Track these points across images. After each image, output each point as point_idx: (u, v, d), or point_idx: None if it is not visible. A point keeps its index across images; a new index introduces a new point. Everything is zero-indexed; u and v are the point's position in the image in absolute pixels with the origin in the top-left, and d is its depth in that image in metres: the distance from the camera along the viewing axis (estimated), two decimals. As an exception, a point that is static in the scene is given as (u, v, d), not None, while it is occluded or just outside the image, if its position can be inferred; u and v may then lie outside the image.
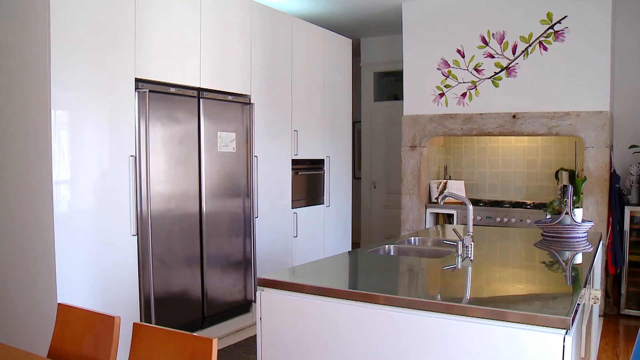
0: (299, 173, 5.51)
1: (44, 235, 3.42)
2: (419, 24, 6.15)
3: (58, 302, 2.66)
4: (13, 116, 3.58)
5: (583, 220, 3.73)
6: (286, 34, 5.30)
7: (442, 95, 6.01)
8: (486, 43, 5.70)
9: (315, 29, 5.79)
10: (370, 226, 8.28)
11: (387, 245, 3.54)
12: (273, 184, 5.14)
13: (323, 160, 5.91)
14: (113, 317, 2.24)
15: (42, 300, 3.45)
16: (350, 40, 6.42)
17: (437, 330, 2.11)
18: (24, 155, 3.52)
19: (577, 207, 3.75)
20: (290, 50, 5.36)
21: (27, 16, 3.48)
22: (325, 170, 5.93)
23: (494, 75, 5.70)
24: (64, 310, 2.45)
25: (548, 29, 5.40)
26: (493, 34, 5.66)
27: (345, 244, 6.34)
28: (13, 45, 3.57)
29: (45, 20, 3.32)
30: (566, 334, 1.89)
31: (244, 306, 4.83)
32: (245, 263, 4.78)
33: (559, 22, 5.35)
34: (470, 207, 3.18)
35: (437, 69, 6.01)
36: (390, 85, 8.52)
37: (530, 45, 5.50)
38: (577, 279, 2.71)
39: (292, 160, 5.40)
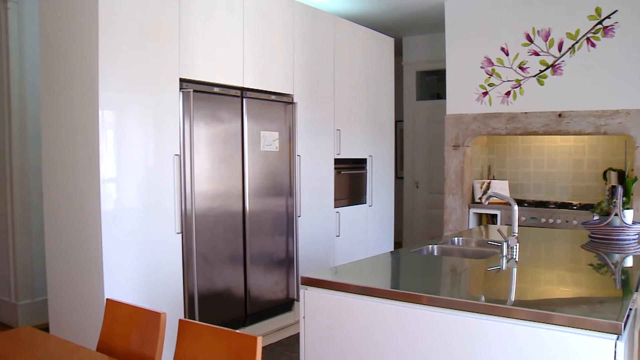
0: (342, 172, 5.51)
1: (91, 233, 3.50)
2: (462, 22, 6.08)
3: (106, 297, 2.72)
4: (64, 116, 3.68)
5: (633, 222, 3.63)
6: (328, 33, 5.31)
7: (485, 94, 5.93)
8: (531, 40, 5.60)
9: (358, 28, 5.78)
10: (412, 226, 8.22)
11: (430, 246, 3.51)
12: (315, 183, 5.15)
13: (365, 159, 5.89)
14: (159, 314, 2.28)
15: (90, 295, 3.54)
16: (393, 39, 6.38)
17: (480, 331, 2.09)
18: (74, 154, 3.61)
19: (627, 209, 3.65)
20: (333, 50, 5.36)
21: (77, 19, 3.57)
22: (367, 170, 5.92)
23: (539, 73, 5.59)
24: (112, 306, 2.50)
25: (596, 25, 5.27)
26: (538, 31, 5.56)
27: (387, 244, 6.32)
28: (64, 46, 3.67)
29: (94, 24, 3.40)
30: (617, 339, 1.84)
31: (286, 305, 4.85)
32: (287, 262, 4.81)
33: (608, 17, 5.21)
34: (516, 207, 3.14)
35: (481, 67, 5.93)
36: (433, 84, 8.44)
37: (577, 42, 5.38)
38: (628, 283, 2.64)
39: (335, 159, 5.40)
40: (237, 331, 2.05)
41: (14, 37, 5.09)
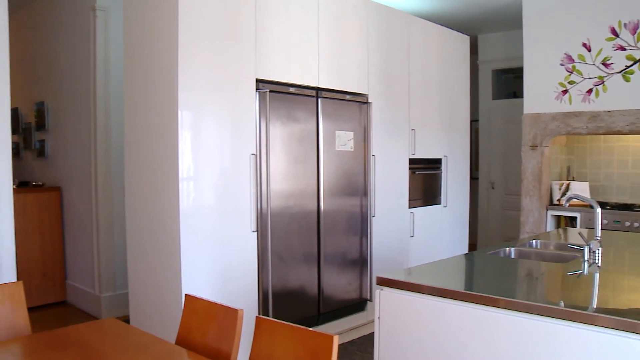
0: (416, 172, 5.46)
1: (170, 229, 3.61)
2: (540, 17, 5.90)
3: (185, 293, 2.80)
4: (145, 117, 3.82)
5: None
6: (403, 32, 5.27)
7: (565, 92, 5.74)
8: (616, 35, 5.37)
9: (432, 26, 5.71)
10: (487, 228, 8.06)
11: (507, 248, 3.44)
12: (390, 183, 5.13)
13: (440, 159, 5.82)
14: (237, 310, 2.32)
15: (169, 289, 3.65)
16: (468, 37, 6.28)
17: (559, 338, 2.03)
18: (154, 154, 3.74)
19: None
20: (408, 49, 5.32)
21: (157, 23, 3.69)
22: (442, 170, 5.84)
23: (624, 69, 5.36)
24: (191, 301, 2.57)
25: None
26: (625, 24, 5.32)
27: (462, 245, 6.22)
28: (145, 50, 3.80)
29: (174, 27, 3.50)
30: None
31: (359, 304, 4.85)
32: (361, 262, 4.81)
33: None
34: (598, 209, 3.02)
35: (560, 64, 5.74)
36: (509, 82, 8.24)
37: (669, 35, 5.10)
38: None
39: (410, 159, 5.36)
40: (313, 330, 2.07)
41: (101, 43, 5.32)
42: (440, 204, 5.84)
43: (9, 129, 3.49)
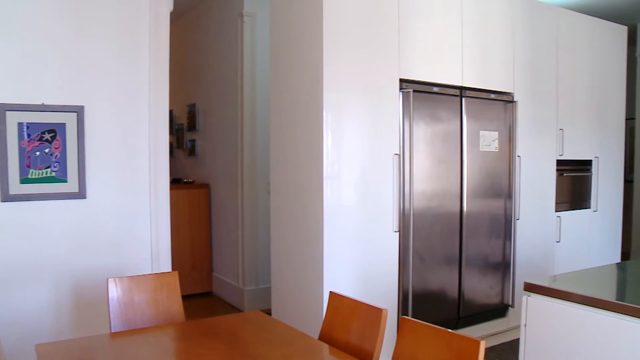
0: (564, 174, 5.19)
1: (314, 227, 3.69)
2: None
3: (329, 290, 2.85)
4: (289, 117, 3.95)
5: None
6: (551, 26, 5.03)
7: None
8: None
9: (583, 18, 5.39)
10: (642, 235, 7.51)
11: (669, 258, 3.18)
12: (536, 185, 4.91)
13: (590, 161, 5.49)
14: (381, 310, 2.32)
15: (310, 286, 3.74)
16: (626, 27, 5.85)
17: None
18: (298, 153, 3.85)
19: None
20: (555, 43, 5.06)
21: (302, 26, 3.81)
22: (592, 172, 5.51)
23: None
24: (335, 298, 2.61)
25: None
26: None
27: (613, 253, 5.82)
28: (290, 52, 3.93)
29: (319, 31, 3.60)
30: None
31: (500, 310, 4.70)
32: (504, 266, 4.65)
33: None
34: None
35: None
36: (673, 76, 7.62)
37: None
38: None
39: (557, 160, 5.11)
40: (459, 333, 2.02)
41: (247, 47, 5.56)
42: (589, 208, 5.51)
43: (167, 130, 3.73)
